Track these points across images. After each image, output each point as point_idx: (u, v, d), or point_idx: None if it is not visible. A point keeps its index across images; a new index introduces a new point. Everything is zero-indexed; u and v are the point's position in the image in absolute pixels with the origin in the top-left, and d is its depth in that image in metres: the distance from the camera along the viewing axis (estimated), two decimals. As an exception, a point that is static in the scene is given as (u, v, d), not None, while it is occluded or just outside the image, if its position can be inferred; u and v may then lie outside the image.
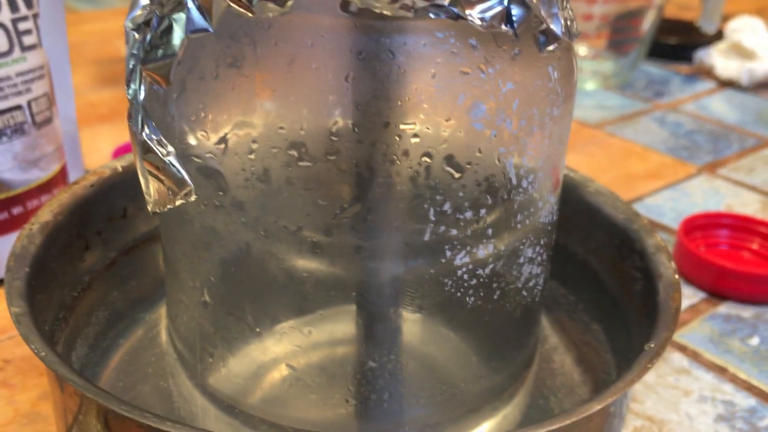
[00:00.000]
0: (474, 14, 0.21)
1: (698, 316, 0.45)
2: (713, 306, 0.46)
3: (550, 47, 0.23)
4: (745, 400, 0.38)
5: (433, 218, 0.23)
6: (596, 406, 0.21)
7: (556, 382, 0.34)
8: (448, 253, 0.24)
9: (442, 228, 0.23)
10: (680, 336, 0.43)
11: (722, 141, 0.69)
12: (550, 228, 0.27)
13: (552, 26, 0.22)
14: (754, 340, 0.42)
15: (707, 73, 0.84)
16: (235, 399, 0.27)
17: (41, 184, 0.47)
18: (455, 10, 0.21)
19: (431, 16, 0.21)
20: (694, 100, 0.78)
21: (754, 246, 0.50)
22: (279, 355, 0.26)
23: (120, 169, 0.34)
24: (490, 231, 0.24)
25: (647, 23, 0.77)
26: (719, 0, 0.79)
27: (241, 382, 0.27)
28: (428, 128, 0.22)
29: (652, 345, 0.25)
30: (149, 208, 0.26)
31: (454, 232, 0.23)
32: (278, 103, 0.22)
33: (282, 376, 0.26)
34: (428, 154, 0.22)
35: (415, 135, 0.22)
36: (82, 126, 0.60)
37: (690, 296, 0.46)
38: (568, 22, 0.24)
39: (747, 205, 0.57)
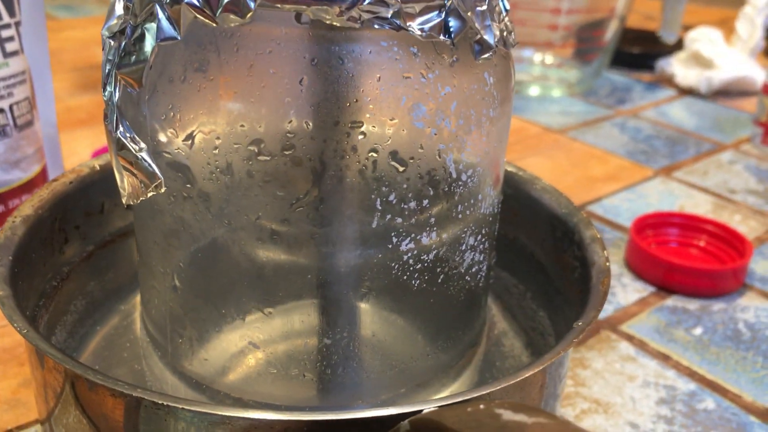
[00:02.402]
0: (414, 25, 0.24)
1: (647, 308, 0.47)
2: (661, 299, 0.48)
3: (485, 55, 0.25)
4: (685, 385, 0.41)
5: (380, 208, 0.25)
6: (530, 372, 0.24)
7: (506, 364, 0.36)
8: (395, 240, 0.26)
9: (389, 216, 0.26)
10: (628, 326, 0.45)
11: (679, 146, 0.72)
12: (491, 219, 0.30)
13: (485, 37, 0.25)
14: (698, 330, 0.45)
15: (668, 81, 0.87)
16: (202, 377, 0.29)
17: (22, 184, 0.49)
18: (397, 21, 0.23)
19: (376, 26, 0.23)
20: (654, 106, 0.81)
21: (701, 243, 0.53)
22: (243, 334, 0.28)
23: (97, 167, 0.36)
24: (432, 220, 0.27)
25: (610, 33, 0.80)
26: (679, 11, 0.82)
27: (209, 360, 0.29)
28: (374, 126, 0.24)
29: (580, 323, 0.27)
30: (123, 200, 0.28)
31: (399, 220, 0.26)
32: (239, 104, 0.24)
33: (246, 354, 0.28)
34: (374, 150, 0.25)
35: (363, 133, 0.24)
36: (62, 130, 0.62)
37: (640, 290, 0.49)
38: (504, 33, 0.27)
39: (699, 206, 0.60)
